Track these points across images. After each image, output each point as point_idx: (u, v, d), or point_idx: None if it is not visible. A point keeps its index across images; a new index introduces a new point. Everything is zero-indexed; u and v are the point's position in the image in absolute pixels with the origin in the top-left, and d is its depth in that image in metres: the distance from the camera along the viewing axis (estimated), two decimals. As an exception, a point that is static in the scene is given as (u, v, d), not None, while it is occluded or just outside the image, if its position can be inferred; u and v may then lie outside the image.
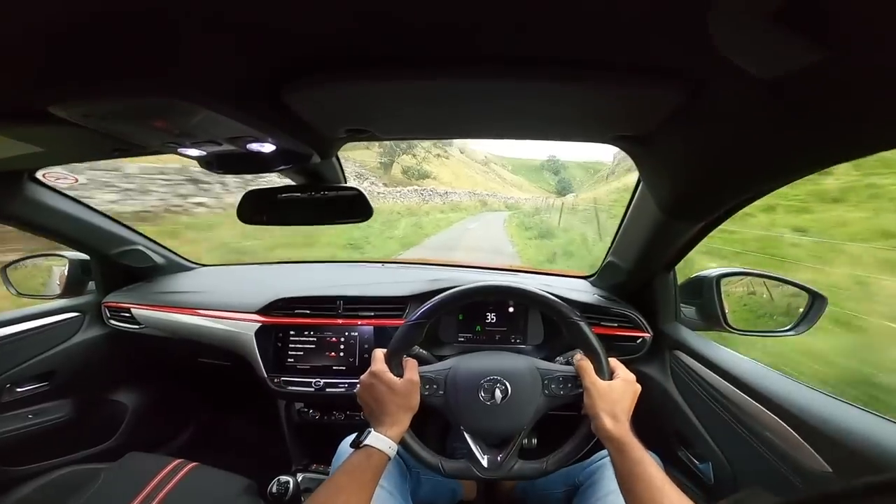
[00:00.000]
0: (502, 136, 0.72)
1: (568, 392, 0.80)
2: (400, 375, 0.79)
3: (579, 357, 0.80)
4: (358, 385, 0.80)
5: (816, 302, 0.98)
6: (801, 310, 0.99)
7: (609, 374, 0.77)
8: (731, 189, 0.68)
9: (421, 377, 0.81)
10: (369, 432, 0.72)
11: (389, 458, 0.71)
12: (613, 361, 0.80)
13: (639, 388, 0.77)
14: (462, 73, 0.48)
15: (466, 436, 0.82)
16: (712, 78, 0.45)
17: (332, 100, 0.55)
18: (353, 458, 0.70)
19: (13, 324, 1.23)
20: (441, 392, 0.83)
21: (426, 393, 0.82)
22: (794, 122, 0.46)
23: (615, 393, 0.73)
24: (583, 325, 0.80)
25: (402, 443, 0.77)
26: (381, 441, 0.71)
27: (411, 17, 0.38)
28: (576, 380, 0.79)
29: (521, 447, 0.81)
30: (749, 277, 1.07)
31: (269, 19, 0.39)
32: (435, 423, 0.86)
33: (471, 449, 0.81)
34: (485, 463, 0.80)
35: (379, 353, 0.81)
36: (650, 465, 0.65)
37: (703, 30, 0.35)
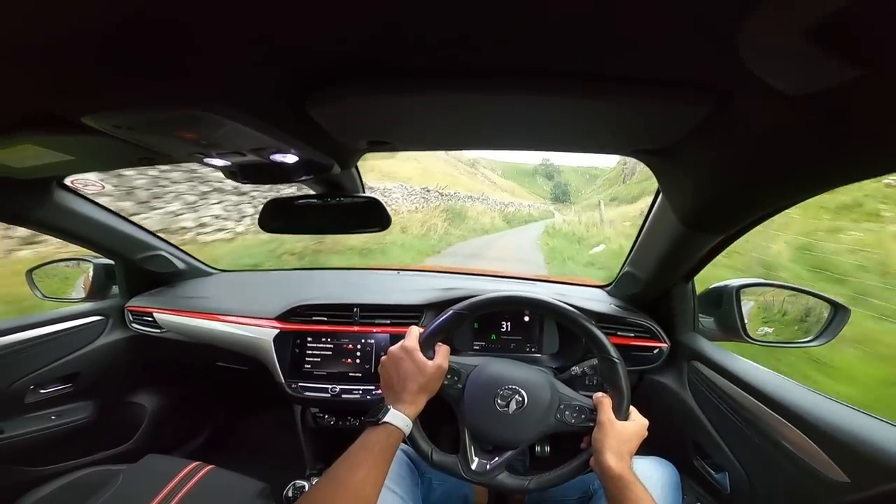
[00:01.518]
0: (522, 147, 0.73)
1: (579, 422, 0.81)
2: (430, 358, 0.79)
3: (601, 395, 0.80)
4: (384, 356, 0.81)
5: (839, 313, 0.97)
6: (824, 320, 0.98)
7: (626, 415, 0.78)
8: (752, 202, 0.67)
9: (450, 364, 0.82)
10: (387, 409, 0.73)
11: (405, 437, 0.73)
12: (632, 408, 0.81)
13: (646, 433, 0.78)
14: (483, 86, 0.49)
15: (465, 434, 0.83)
16: (738, 92, 0.45)
17: (355, 112, 0.56)
18: (372, 434, 0.70)
19: (39, 326, 1.25)
20: (460, 385, 0.85)
21: (446, 382, 0.83)
22: (820, 138, 0.46)
23: (627, 433, 0.74)
24: (619, 365, 0.81)
25: (420, 449, 0.78)
26: (399, 419, 0.71)
27: (433, 29, 0.39)
28: (591, 412, 0.80)
29: (510, 461, 0.82)
30: (770, 288, 1.06)
31: (294, 32, 0.39)
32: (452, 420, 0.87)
33: (465, 448, 0.82)
34: (473, 465, 0.81)
35: (416, 331, 0.83)
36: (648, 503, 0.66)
37: (730, 44, 0.35)
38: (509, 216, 24.80)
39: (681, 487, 0.91)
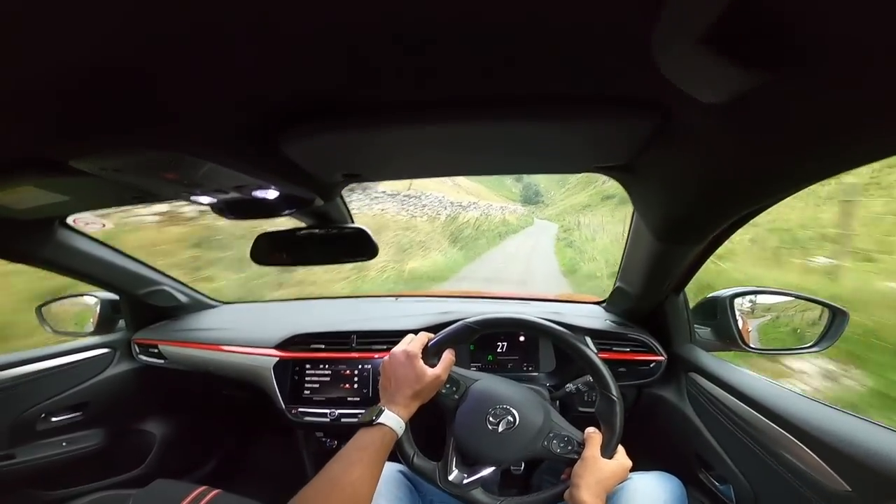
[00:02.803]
0: (489, 172, 0.74)
1: (564, 453, 0.81)
2: (431, 365, 0.81)
3: (592, 430, 0.81)
4: (387, 355, 0.82)
5: (837, 317, 0.96)
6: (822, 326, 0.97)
7: (612, 454, 0.78)
8: (716, 211, 0.67)
9: (451, 374, 0.84)
10: (382, 410, 0.74)
11: (398, 438, 0.74)
12: (620, 450, 0.81)
13: (628, 476, 0.78)
14: (441, 116, 0.50)
15: (451, 444, 0.84)
16: (675, 105, 0.46)
17: (325, 147, 0.58)
18: (367, 434, 0.71)
19: (50, 358, 1.29)
20: (457, 396, 0.86)
21: (444, 391, 0.85)
22: (754, 144, 0.46)
23: (607, 471, 0.74)
24: (617, 404, 0.81)
25: (406, 458, 0.80)
26: (393, 420, 0.73)
27: (393, 67, 0.41)
28: (578, 445, 0.80)
29: (485, 480, 0.82)
30: (763, 296, 1.05)
31: (262, 74, 0.41)
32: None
33: (447, 458, 0.83)
34: (451, 476, 0.81)
35: (423, 337, 0.84)
36: None
37: (648, 57, 0.35)
38: (468, 227, 15.38)
39: (686, 501, 0.90)
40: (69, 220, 1.10)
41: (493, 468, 0.82)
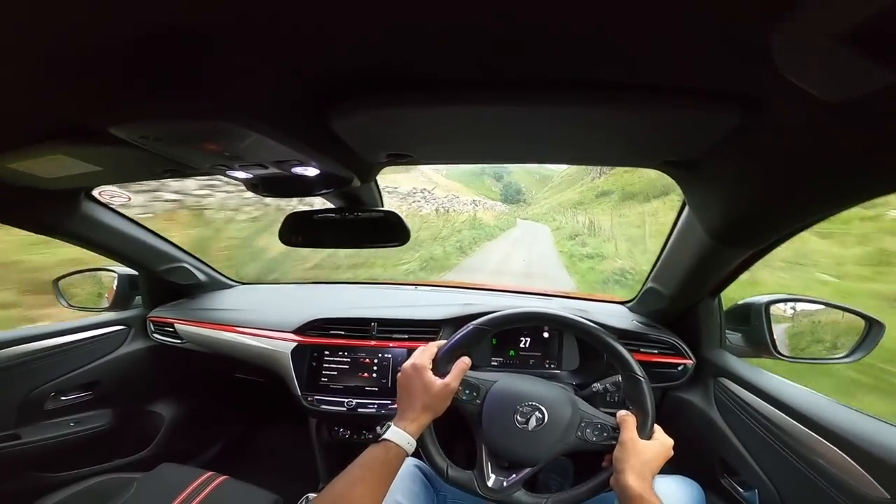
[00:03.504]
0: (545, 161, 0.72)
1: (601, 441, 0.79)
2: (442, 375, 0.79)
3: (624, 413, 0.79)
4: (399, 370, 0.81)
5: (874, 328, 0.94)
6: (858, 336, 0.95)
7: (649, 434, 0.76)
8: (785, 215, 0.65)
9: (464, 380, 0.81)
10: (388, 426, 0.73)
11: (407, 454, 0.72)
12: (657, 426, 0.79)
13: (671, 453, 0.76)
14: (506, 98, 0.48)
15: (483, 450, 0.82)
16: (771, 99, 0.44)
17: (376, 124, 0.57)
18: (371, 451, 0.70)
19: (63, 335, 1.28)
20: (479, 401, 0.84)
21: (464, 397, 0.83)
22: (858, 145, 0.44)
23: (650, 453, 0.73)
24: (643, 383, 0.79)
25: (418, 439, 0.77)
26: (399, 436, 0.71)
27: (457, 40, 0.39)
28: (613, 430, 0.78)
29: (527, 481, 0.80)
30: (801, 304, 1.02)
31: (315, 42, 0.40)
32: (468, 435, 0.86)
33: (482, 464, 0.81)
34: (490, 483, 0.79)
35: (433, 347, 0.83)
36: None
37: (762, 51, 0.34)
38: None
39: None
40: (95, 192, 1.09)
41: (530, 468, 0.80)
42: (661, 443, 0.76)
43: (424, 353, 0.81)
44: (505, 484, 0.79)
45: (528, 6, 0.33)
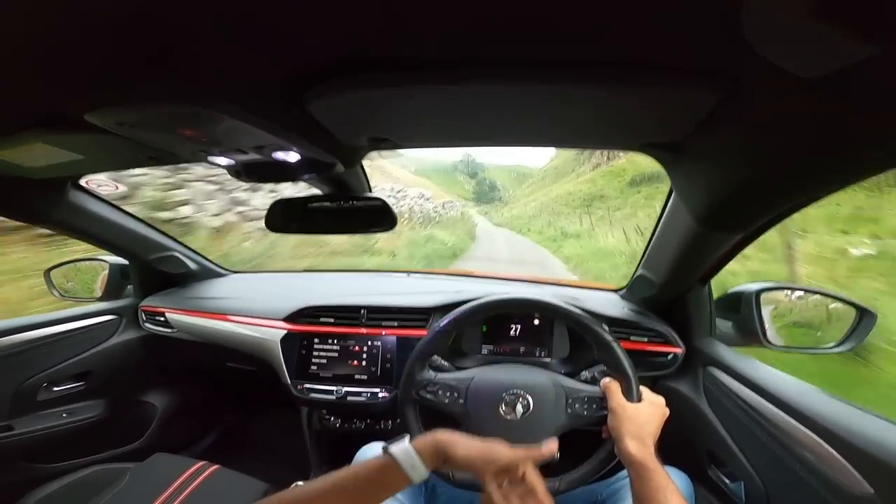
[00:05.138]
0: (527, 144, 0.71)
1: (592, 413, 0.79)
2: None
3: (607, 380, 0.78)
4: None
5: (864, 317, 0.93)
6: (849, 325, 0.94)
7: (637, 397, 0.76)
8: (772, 197, 0.64)
9: (442, 384, 0.81)
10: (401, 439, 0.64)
11: (411, 481, 0.60)
12: (643, 388, 0.78)
13: (667, 411, 0.75)
14: (483, 77, 0.47)
15: None
16: (748, 77, 0.43)
17: (353, 107, 0.56)
18: (366, 462, 0.62)
19: (55, 324, 1.28)
20: (461, 401, 0.83)
21: (446, 401, 0.82)
22: (841, 123, 0.43)
23: (642, 416, 0.72)
24: (615, 345, 0.79)
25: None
26: (405, 454, 0.60)
27: (433, 20, 0.38)
28: (601, 401, 0.78)
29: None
30: (791, 292, 1.02)
31: (290, 25, 0.39)
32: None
33: None
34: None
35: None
36: (673, 494, 0.62)
37: (734, 26, 0.33)
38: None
39: (694, 498, 0.88)
40: (82, 181, 1.09)
41: None
42: (651, 403, 0.75)
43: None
44: None
45: None
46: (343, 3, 0.36)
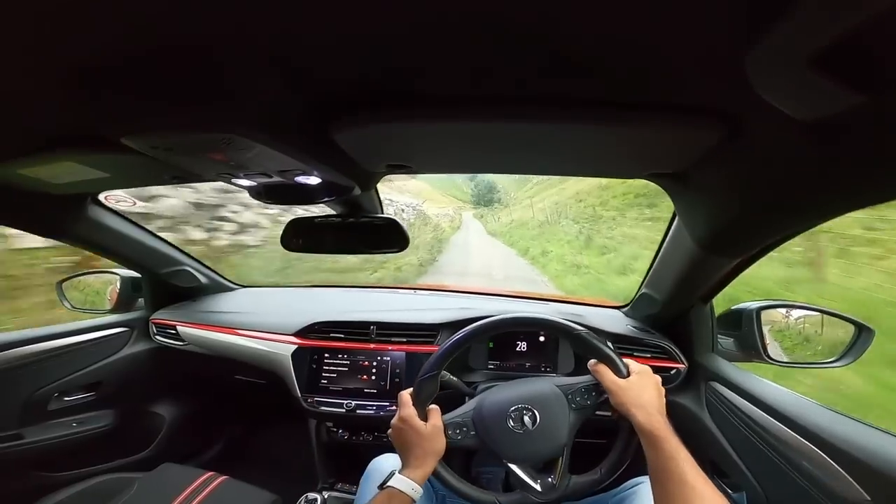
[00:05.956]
0: (538, 172, 0.74)
1: (595, 400, 0.81)
2: (426, 418, 0.80)
3: (593, 362, 0.80)
4: (390, 428, 0.81)
5: (863, 334, 0.95)
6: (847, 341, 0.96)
7: (626, 372, 0.78)
8: (769, 226, 0.67)
9: (449, 423, 0.81)
10: (393, 474, 0.74)
11: (413, 501, 0.72)
12: (627, 360, 0.80)
13: (658, 378, 0.77)
14: (501, 113, 0.50)
15: (513, 467, 0.81)
16: (750, 117, 0.46)
17: (376, 137, 0.59)
18: (376, 498, 0.72)
19: (67, 336, 1.30)
20: (473, 433, 0.83)
21: (459, 437, 0.82)
22: (835, 161, 0.46)
23: (636, 387, 0.74)
24: (583, 334, 0.81)
25: (454, 489, 0.79)
26: (403, 483, 0.72)
27: (453, 58, 0.41)
28: (598, 386, 0.80)
29: (569, 464, 0.81)
30: (791, 310, 1.04)
31: (320, 61, 0.42)
32: (459, 454, 0.86)
33: (521, 478, 0.81)
34: (539, 488, 0.79)
35: (406, 397, 0.82)
36: (683, 461, 0.63)
37: (740, 71, 0.36)
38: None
39: None
40: (101, 196, 1.12)
41: (562, 456, 0.81)
42: (640, 374, 0.77)
43: (403, 407, 0.81)
44: (552, 481, 0.79)
45: (523, 31, 0.36)
46: (369, 40, 0.38)
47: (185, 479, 1.10)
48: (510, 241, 15.88)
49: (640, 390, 0.74)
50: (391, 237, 0.92)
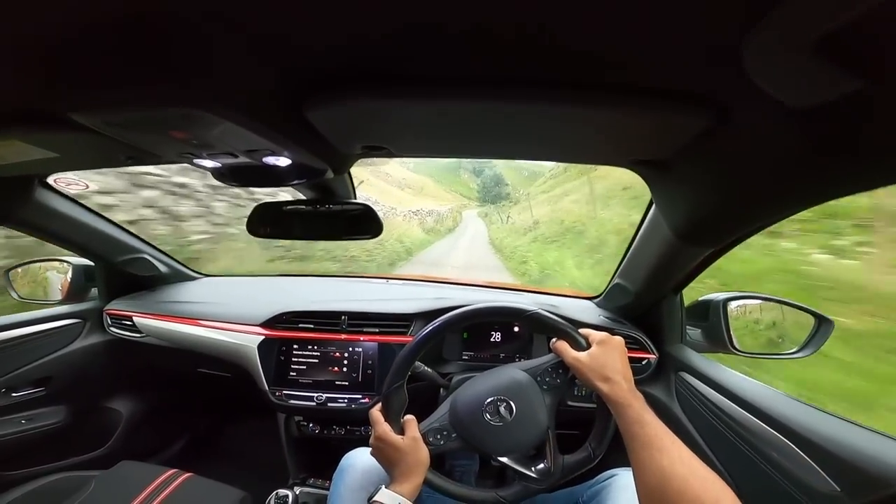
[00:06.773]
0: (519, 157, 0.73)
1: (563, 378, 0.80)
2: (401, 431, 0.78)
3: (554, 340, 0.80)
4: (370, 448, 0.80)
5: (823, 325, 0.99)
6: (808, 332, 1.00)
7: (587, 344, 0.78)
8: (748, 215, 0.68)
9: (427, 430, 0.80)
10: (380, 488, 0.72)
11: None
12: (585, 331, 0.79)
13: (619, 340, 0.77)
14: (480, 94, 0.49)
15: (504, 460, 0.80)
16: (738, 105, 0.46)
17: (352, 116, 0.56)
18: None
19: (14, 328, 1.22)
20: (454, 435, 0.81)
21: (441, 442, 0.80)
22: (822, 150, 0.46)
23: (598, 358, 0.74)
24: (539, 313, 0.81)
25: (452, 494, 0.78)
26: (390, 497, 0.71)
27: (433, 37, 0.39)
28: (562, 363, 0.79)
29: (558, 445, 0.81)
30: (756, 301, 1.08)
31: (294, 33, 0.39)
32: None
33: (516, 469, 0.80)
34: (535, 475, 0.79)
35: (376, 414, 0.80)
36: (649, 425, 0.64)
37: (734, 57, 0.36)
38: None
39: None
40: (50, 179, 1.04)
41: (549, 439, 0.80)
42: (600, 343, 0.76)
43: (376, 426, 0.79)
44: (546, 466, 0.79)
45: (505, 7, 0.34)
46: (348, 15, 0.36)
47: (146, 476, 1.04)
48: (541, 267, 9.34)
49: (602, 361, 0.73)
50: (363, 223, 0.90)
